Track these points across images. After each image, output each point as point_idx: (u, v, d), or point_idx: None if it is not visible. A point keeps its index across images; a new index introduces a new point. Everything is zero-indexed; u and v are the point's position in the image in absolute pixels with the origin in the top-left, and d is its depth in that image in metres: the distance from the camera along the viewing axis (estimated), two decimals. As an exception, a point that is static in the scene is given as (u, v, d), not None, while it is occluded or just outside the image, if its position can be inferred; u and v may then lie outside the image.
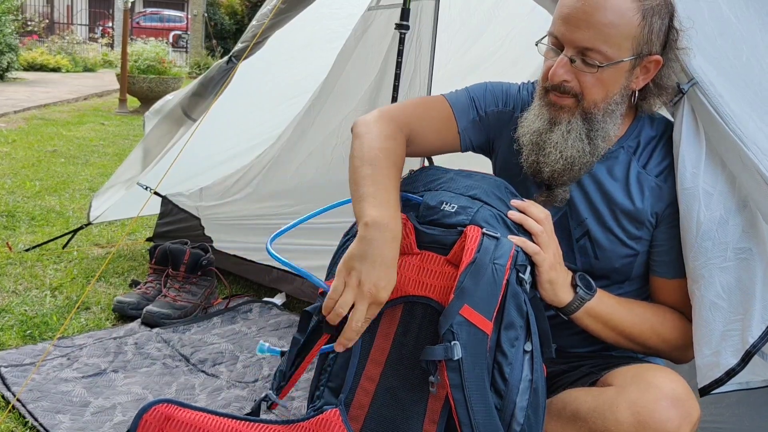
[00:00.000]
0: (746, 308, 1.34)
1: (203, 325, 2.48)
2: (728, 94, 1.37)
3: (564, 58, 1.33)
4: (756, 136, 1.33)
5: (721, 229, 1.34)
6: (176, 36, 20.68)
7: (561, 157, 1.39)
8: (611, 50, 1.31)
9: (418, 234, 1.28)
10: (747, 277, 1.34)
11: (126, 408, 1.89)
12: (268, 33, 2.44)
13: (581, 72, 1.34)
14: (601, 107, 1.37)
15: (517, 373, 1.19)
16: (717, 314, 1.35)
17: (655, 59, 1.36)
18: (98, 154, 5.77)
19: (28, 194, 4.13)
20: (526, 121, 1.45)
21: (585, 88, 1.35)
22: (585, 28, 1.30)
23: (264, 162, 2.76)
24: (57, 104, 8.92)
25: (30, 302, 2.54)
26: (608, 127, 1.39)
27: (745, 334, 1.33)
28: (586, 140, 1.38)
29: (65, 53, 14.55)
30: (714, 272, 1.34)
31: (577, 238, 1.47)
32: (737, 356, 1.33)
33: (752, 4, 1.46)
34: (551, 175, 1.41)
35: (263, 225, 2.80)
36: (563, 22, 1.33)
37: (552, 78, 1.35)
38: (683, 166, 1.36)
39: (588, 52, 1.32)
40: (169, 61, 9.73)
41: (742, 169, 1.33)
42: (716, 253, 1.34)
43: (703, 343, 1.36)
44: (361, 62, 2.43)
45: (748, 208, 1.36)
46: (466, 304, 1.18)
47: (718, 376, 1.34)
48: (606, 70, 1.32)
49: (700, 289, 1.36)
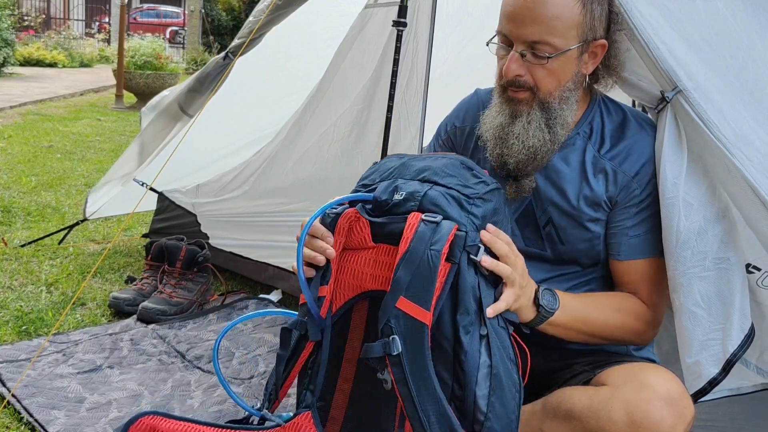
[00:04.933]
0: (726, 317, 1.36)
1: (199, 322, 2.48)
2: (721, 94, 1.37)
3: (515, 53, 1.40)
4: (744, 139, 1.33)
5: (700, 239, 1.36)
6: (173, 32, 20.62)
7: (524, 147, 1.44)
8: (558, 41, 1.37)
9: (373, 227, 1.26)
10: (726, 286, 1.36)
11: (121, 404, 1.89)
12: (264, 29, 2.44)
13: (532, 65, 1.40)
14: (556, 95, 1.43)
15: (473, 360, 1.17)
16: (696, 323, 1.37)
17: (601, 43, 1.42)
18: (94, 149, 5.76)
19: (23, 190, 4.12)
20: (487, 118, 1.51)
21: (538, 80, 1.41)
22: (530, 24, 1.36)
23: (261, 159, 2.76)
24: (53, 100, 8.90)
25: (25, 298, 2.53)
26: (565, 113, 1.44)
27: (725, 343, 1.35)
28: (545, 129, 1.44)
29: (62, 48, 14.50)
30: (693, 281, 1.36)
31: (543, 225, 1.52)
32: (718, 366, 1.36)
33: (749, 4, 1.47)
34: (516, 166, 1.47)
35: (260, 222, 2.80)
36: (509, 20, 1.40)
37: (506, 74, 1.41)
38: (664, 176, 1.39)
39: (536, 46, 1.38)
40: (166, 57, 9.71)
41: (726, 176, 1.34)
42: (695, 262, 1.36)
43: (684, 352, 1.40)
44: (358, 60, 2.43)
45: (727, 218, 1.37)
46: (401, 296, 1.15)
47: (701, 386, 1.38)
48: (555, 60, 1.38)
49: (679, 298, 1.38)
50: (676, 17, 1.40)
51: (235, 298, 2.69)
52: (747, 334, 1.37)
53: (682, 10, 1.41)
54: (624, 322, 1.43)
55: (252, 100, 3.01)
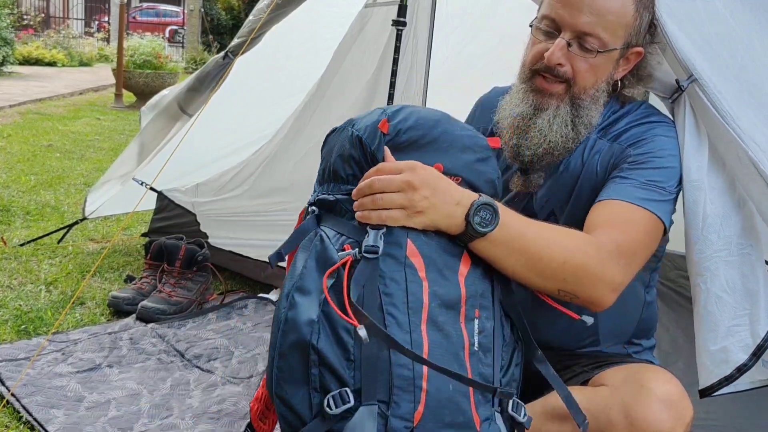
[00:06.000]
0: (751, 303, 1.33)
1: (198, 321, 2.48)
2: (725, 92, 1.37)
3: (562, 40, 1.34)
4: (753, 133, 1.33)
5: (726, 223, 1.34)
6: (173, 31, 20.60)
7: (544, 141, 1.40)
8: (608, 37, 1.34)
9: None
10: (750, 272, 1.34)
11: (120, 403, 1.88)
12: (264, 28, 2.44)
13: (576, 56, 1.36)
14: (589, 93, 1.39)
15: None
16: (722, 308, 1.34)
17: (638, 50, 1.40)
18: (94, 149, 5.76)
19: (23, 189, 4.12)
20: (507, 105, 1.46)
21: (578, 73, 1.37)
22: (588, 14, 1.32)
23: (260, 159, 2.76)
24: (53, 99, 8.89)
25: (25, 297, 2.53)
26: (592, 114, 1.41)
27: (754, 328, 1.32)
28: (570, 126, 1.39)
29: (61, 47, 14.48)
30: (719, 265, 1.34)
31: (545, 219, 1.47)
32: (747, 351, 1.32)
33: (748, 4, 1.47)
34: (531, 159, 1.42)
35: (259, 221, 2.81)
36: (564, 6, 1.34)
37: (549, 60, 1.35)
38: (688, 161, 1.37)
39: (587, 37, 1.34)
40: (166, 56, 9.71)
41: (740, 167, 1.34)
42: (721, 246, 1.34)
43: (709, 339, 1.35)
44: (358, 59, 2.43)
45: (746, 207, 1.37)
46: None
47: (728, 373, 1.33)
48: (600, 56, 1.35)
49: (705, 282, 1.35)
50: (677, 17, 1.40)
51: (234, 298, 2.69)
52: None
53: (682, 10, 1.41)
54: (577, 248, 1.23)
55: (252, 100, 3.01)
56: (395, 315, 1.10)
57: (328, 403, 1.07)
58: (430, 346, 1.10)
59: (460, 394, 1.10)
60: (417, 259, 1.15)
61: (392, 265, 1.13)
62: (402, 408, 1.06)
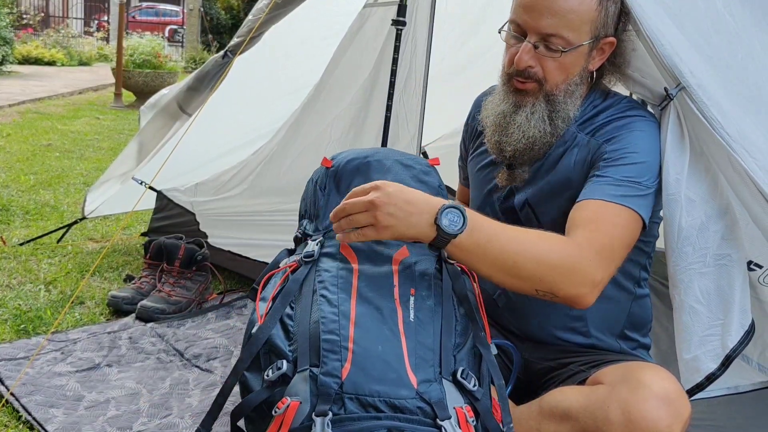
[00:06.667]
0: (725, 313, 1.36)
1: (198, 320, 2.48)
2: (722, 92, 1.37)
3: (527, 44, 1.40)
4: (747, 137, 1.33)
5: (702, 235, 1.36)
6: (172, 30, 20.60)
7: (523, 137, 1.45)
8: (572, 35, 1.38)
9: None
10: (726, 283, 1.36)
11: (119, 402, 1.89)
12: (264, 28, 2.44)
13: (544, 57, 1.40)
14: (562, 89, 1.43)
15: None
16: (696, 319, 1.37)
17: (610, 41, 1.43)
18: (93, 148, 5.76)
19: (22, 188, 4.12)
20: (490, 105, 1.53)
21: (547, 72, 1.42)
22: (548, 16, 1.36)
23: (260, 158, 2.76)
24: (52, 98, 8.89)
25: (24, 296, 2.53)
26: (568, 107, 1.45)
27: (725, 338, 1.35)
28: (547, 121, 1.45)
29: (60, 47, 14.48)
30: (693, 277, 1.36)
31: (519, 208, 1.53)
32: (717, 361, 1.36)
33: (747, 3, 1.47)
34: (513, 154, 1.48)
35: (258, 221, 2.80)
36: (525, 10, 1.39)
37: (518, 64, 1.41)
38: (667, 173, 1.39)
39: (551, 38, 1.38)
40: (165, 55, 9.71)
41: (730, 173, 1.35)
42: (696, 258, 1.37)
43: (683, 348, 1.40)
44: (357, 59, 2.43)
45: (728, 215, 1.38)
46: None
47: (698, 381, 1.38)
48: (567, 54, 1.39)
49: (680, 294, 1.38)
50: (676, 15, 1.40)
51: (233, 297, 2.69)
52: (747, 330, 1.37)
53: (682, 9, 1.41)
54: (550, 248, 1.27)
55: (251, 99, 3.01)
56: (326, 295, 1.25)
57: (268, 374, 1.21)
58: (357, 315, 1.21)
59: (391, 355, 1.17)
60: (349, 253, 1.33)
61: (328, 260, 1.33)
62: (329, 366, 1.15)
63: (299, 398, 1.13)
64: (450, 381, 1.18)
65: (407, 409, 1.12)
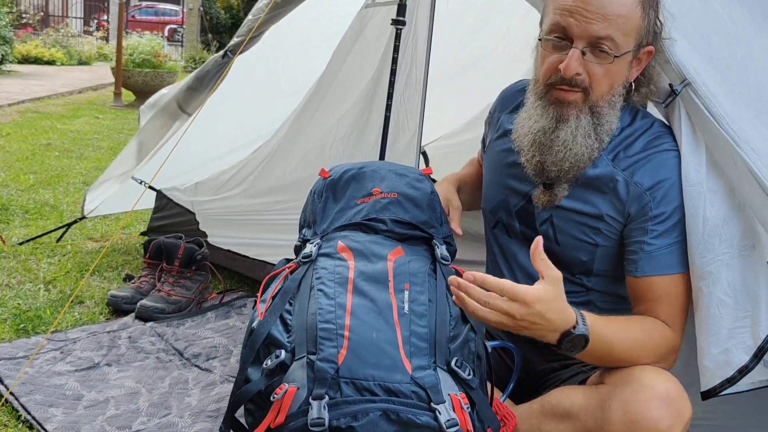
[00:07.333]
0: (753, 305, 1.33)
1: (197, 320, 2.48)
2: (723, 93, 1.37)
3: (576, 50, 1.33)
4: (750, 136, 1.33)
5: (727, 225, 1.34)
6: (172, 30, 20.60)
7: (570, 154, 1.38)
8: (622, 40, 1.33)
9: None
10: (751, 273, 1.34)
11: (119, 402, 1.88)
12: (264, 27, 2.44)
13: (591, 64, 1.34)
14: (606, 99, 1.37)
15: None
16: (724, 311, 1.34)
17: (648, 50, 1.38)
18: (93, 147, 5.75)
19: (21, 187, 4.12)
20: (525, 122, 1.44)
21: (594, 80, 1.35)
22: (600, 19, 1.31)
23: (260, 158, 2.76)
24: (51, 97, 8.88)
25: (23, 296, 2.53)
26: (612, 120, 1.39)
27: (755, 329, 1.32)
28: (593, 136, 1.38)
29: (60, 46, 14.47)
30: (721, 269, 1.34)
31: (540, 223, 1.48)
32: (749, 353, 1.32)
33: (745, 4, 1.47)
34: (558, 174, 1.41)
35: (258, 221, 2.80)
36: (571, 15, 1.32)
37: (566, 71, 1.33)
38: (686, 164, 1.36)
39: (602, 42, 1.32)
40: (165, 55, 9.72)
41: (734, 170, 1.34)
42: (723, 249, 1.34)
43: (711, 342, 1.35)
44: (358, 59, 2.43)
45: (747, 209, 1.37)
46: None
47: (730, 375, 1.33)
48: (616, 60, 1.33)
49: (708, 287, 1.34)
50: (675, 16, 1.40)
51: (233, 296, 2.69)
52: None
53: (681, 9, 1.41)
54: (648, 343, 1.33)
55: (251, 99, 3.01)
56: (323, 289, 1.31)
57: (266, 363, 1.26)
58: (353, 306, 1.27)
59: (385, 342, 1.22)
60: (346, 253, 1.39)
61: (325, 259, 1.39)
62: (325, 352, 1.20)
63: (297, 384, 1.18)
64: (444, 370, 1.22)
65: (402, 393, 1.16)
